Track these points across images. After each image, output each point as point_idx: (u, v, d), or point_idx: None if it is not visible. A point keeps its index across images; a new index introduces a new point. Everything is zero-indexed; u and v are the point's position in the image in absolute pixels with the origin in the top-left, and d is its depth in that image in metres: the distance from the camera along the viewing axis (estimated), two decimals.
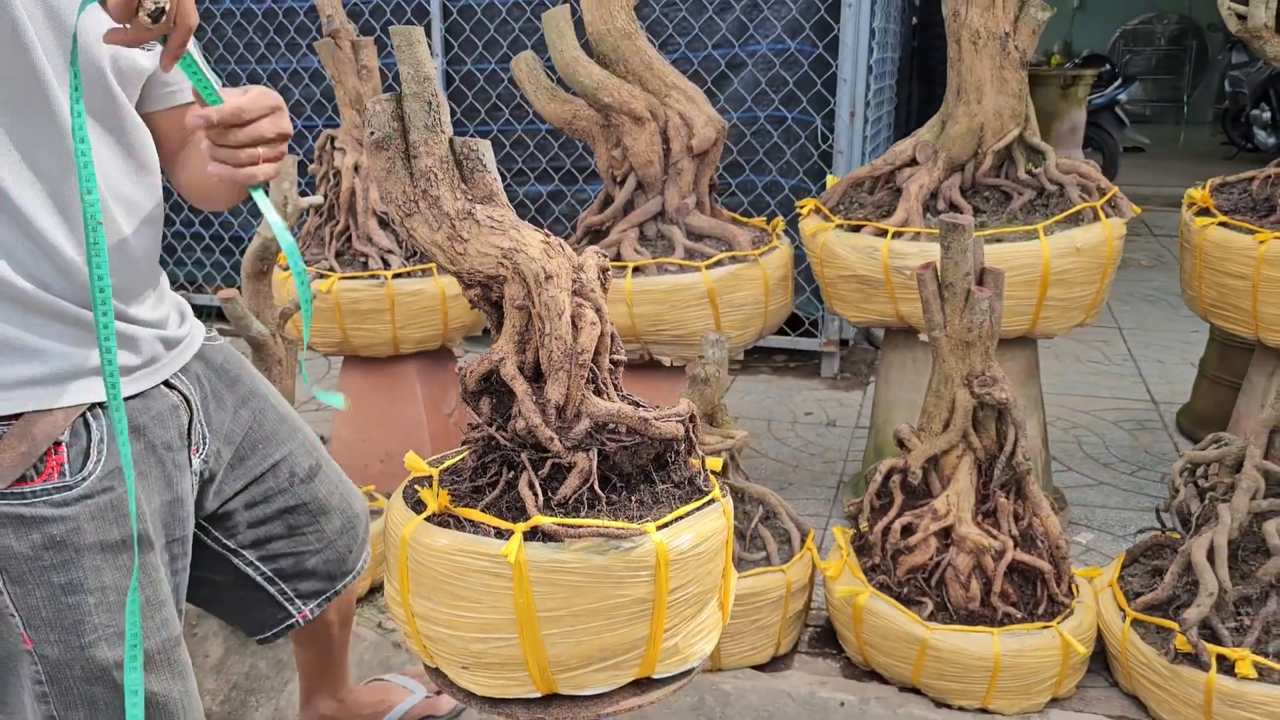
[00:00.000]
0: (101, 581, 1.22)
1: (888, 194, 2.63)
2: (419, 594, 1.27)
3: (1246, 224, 2.41)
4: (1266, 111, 9.01)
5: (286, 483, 1.54)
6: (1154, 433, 3.40)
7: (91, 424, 1.23)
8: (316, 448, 1.61)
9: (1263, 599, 1.88)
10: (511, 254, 1.22)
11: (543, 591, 1.20)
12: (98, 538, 1.21)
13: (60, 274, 1.21)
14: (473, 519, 1.25)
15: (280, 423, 1.55)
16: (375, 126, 1.18)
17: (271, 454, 1.53)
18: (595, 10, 2.59)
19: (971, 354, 1.98)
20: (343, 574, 1.65)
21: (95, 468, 1.22)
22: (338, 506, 1.62)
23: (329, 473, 1.62)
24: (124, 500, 1.23)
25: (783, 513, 2.25)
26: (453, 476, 1.36)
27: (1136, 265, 5.62)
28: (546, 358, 1.22)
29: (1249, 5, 2.41)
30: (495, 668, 1.25)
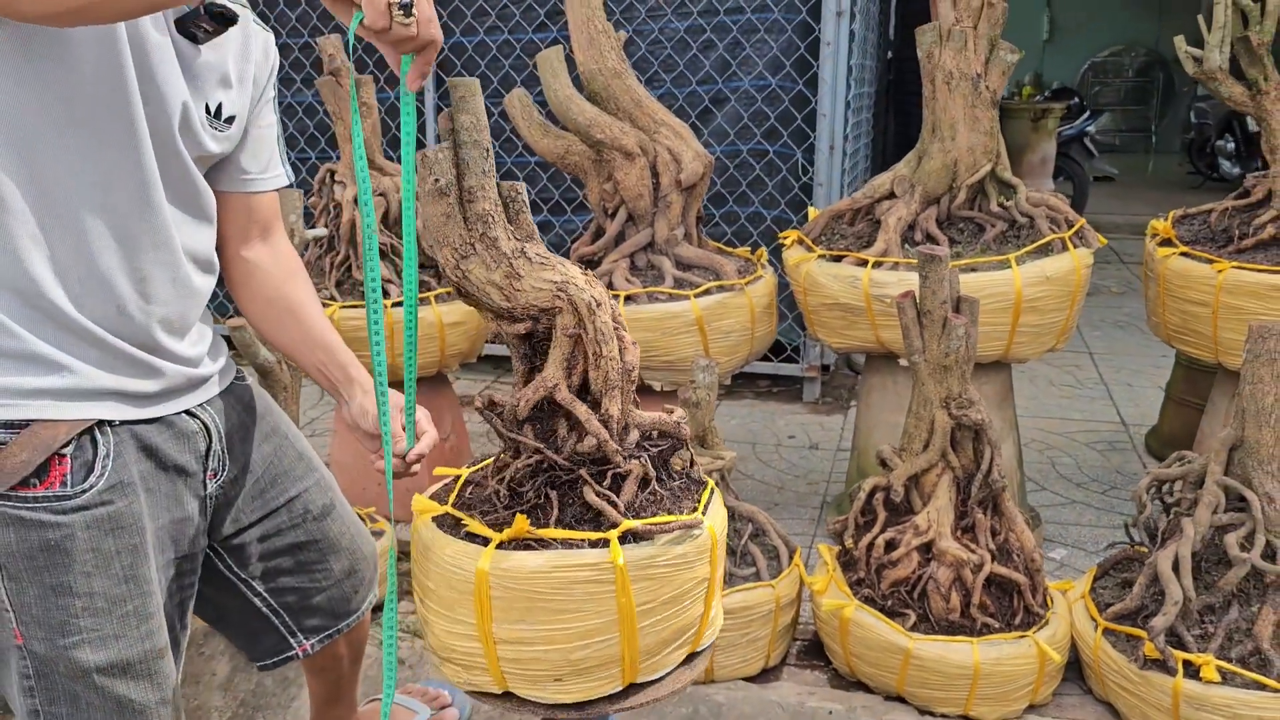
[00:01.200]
0: (91, 588, 1.27)
1: (867, 225, 2.75)
2: (507, 620, 1.30)
3: (1206, 254, 2.54)
4: (1230, 142, 9.27)
5: (300, 518, 1.58)
6: (1124, 453, 3.53)
7: (99, 440, 1.27)
8: (332, 488, 1.66)
9: (1225, 607, 1.98)
10: (565, 286, 1.30)
11: (640, 588, 1.30)
12: (91, 546, 1.26)
13: (101, 299, 1.26)
14: (554, 537, 1.30)
15: (298, 460, 1.60)
16: (438, 174, 1.25)
17: (288, 489, 1.57)
18: (586, 50, 2.71)
19: (949, 377, 2.10)
20: (347, 613, 1.69)
21: (98, 481, 1.26)
22: (347, 547, 1.66)
23: (341, 513, 1.66)
24: (123, 514, 1.28)
25: (771, 530, 2.35)
26: (484, 505, 1.40)
27: (1107, 292, 5.79)
28: (602, 379, 1.32)
29: (1204, 49, 2.56)
30: (591, 671, 1.32)
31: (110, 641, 1.29)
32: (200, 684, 2.31)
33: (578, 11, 2.69)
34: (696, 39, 3.96)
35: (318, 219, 2.94)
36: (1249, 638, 1.93)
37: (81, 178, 1.23)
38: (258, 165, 1.50)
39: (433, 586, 1.35)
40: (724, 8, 3.91)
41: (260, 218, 1.54)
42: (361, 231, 1.33)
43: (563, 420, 1.34)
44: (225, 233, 1.51)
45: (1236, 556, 1.96)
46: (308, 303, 1.57)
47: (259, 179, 1.50)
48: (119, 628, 1.29)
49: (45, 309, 1.23)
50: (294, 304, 1.55)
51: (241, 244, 1.53)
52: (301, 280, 1.59)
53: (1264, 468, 2.02)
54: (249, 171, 1.48)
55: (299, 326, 1.54)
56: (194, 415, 1.42)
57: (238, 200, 1.50)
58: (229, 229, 1.51)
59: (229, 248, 1.53)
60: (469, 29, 4.22)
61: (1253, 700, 1.86)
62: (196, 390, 1.43)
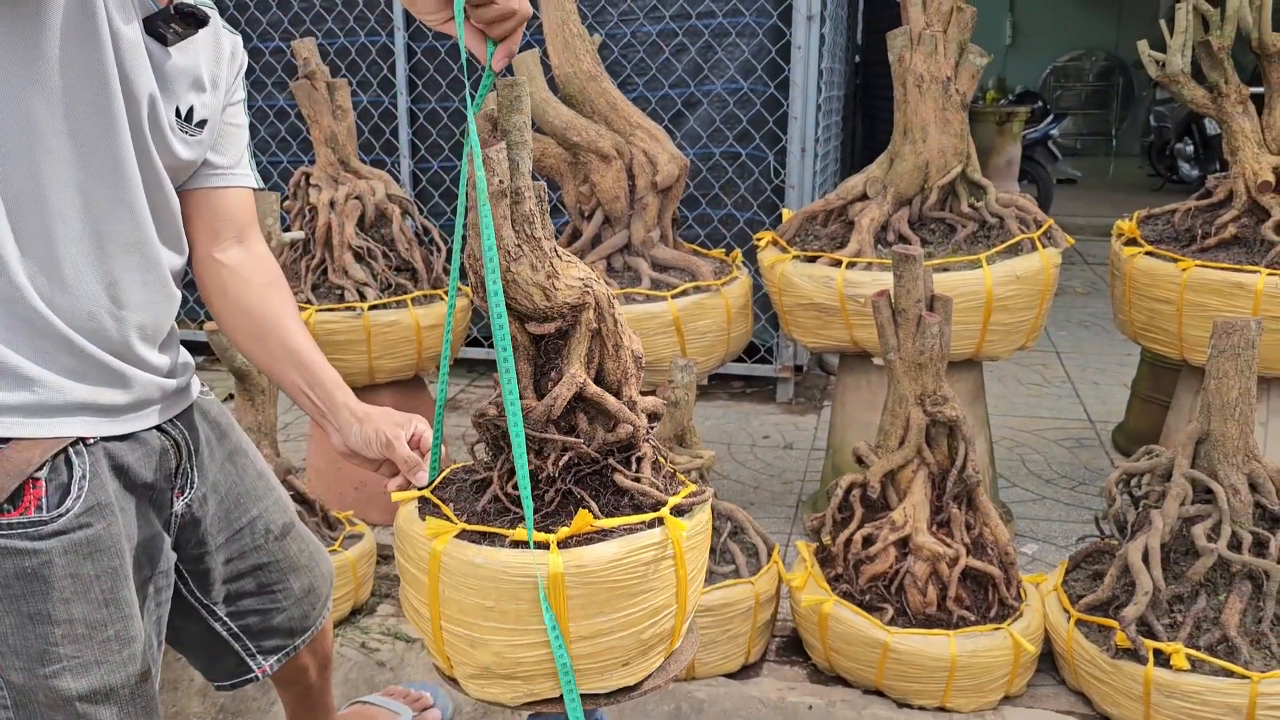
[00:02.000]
0: (70, 614, 1.22)
1: (840, 226, 2.79)
2: (586, 616, 1.28)
3: (1170, 253, 2.60)
4: (1189, 145, 9.45)
5: (263, 539, 1.55)
6: (1091, 450, 3.59)
7: (74, 460, 1.23)
8: (289, 506, 1.63)
9: (1193, 596, 2.03)
10: (589, 283, 1.32)
11: (690, 557, 1.35)
12: (69, 572, 1.22)
13: (74, 302, 1.22)
14: (613, 525, 1.31)
15: (258, 479, 1.56)
16: (501, 175, 1.23)
17: (250, 509, 1.54)
18: (562, 54, 2.73)
19: (924, 375, 2.13)
20: (302, 630, 1.66)
21: (74, 504, 1.22)
22: (306, 565, 1.63)
23: (300, 532, 1.63)
24: (101, 538, 1.24)
25: (749, 528, 2.38)
26: (501, 513, 1.38)
27: (1073, 292, 5.88)
28: (621, 369, 1.33)
29: (1167, 53, 2.62)
30: (652, 648, 1.35)
31: (92, 668, 1.25)
32: (179, 690, 2.30)
33: (552, 16, 2.71)
34: (669, 43, 3.99)
35: (293, 222, 2.94)
36: (1216, 626, 1.98)
37: (60, 178, 1.19)
38: (226, 160, 1.44)
39: (491, 604, 1.27)
40: (696, 12, 3.95)
41: (233, 217, 1.47)
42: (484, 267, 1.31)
43: (582, 414, 1.34)
44: (195, 234, 1.45)
45: (1204, 547, 2.01)
46: (287, 315, 1.48)
47: (228, 173, 1.44)
48: (100, 653, 1.25)
49: (18, 313, 1.19)
50: (272, 315, 1.46)
51: (213, 245, 1.46)
52: (281, 290, 1.50)
53: (1229, 460, 2.07)
54: (217, 166, 1.42)
55: (278, 341, 1.45)
56: (164, 431, 1.38)
57: (206, 197, 1.44)
58: (199, 229, 1.45)
59: (200, 250, 1.46)
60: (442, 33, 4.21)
61: (1221, 686, 1.90)
62: (166, 403, 1.39)
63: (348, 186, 2.88)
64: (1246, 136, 2.61)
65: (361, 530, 2.60)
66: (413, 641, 2.42)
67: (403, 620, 2.51)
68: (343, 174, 2.92)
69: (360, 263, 2.85)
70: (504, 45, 1.21)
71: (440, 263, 2.99)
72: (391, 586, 2.68)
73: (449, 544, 1.29)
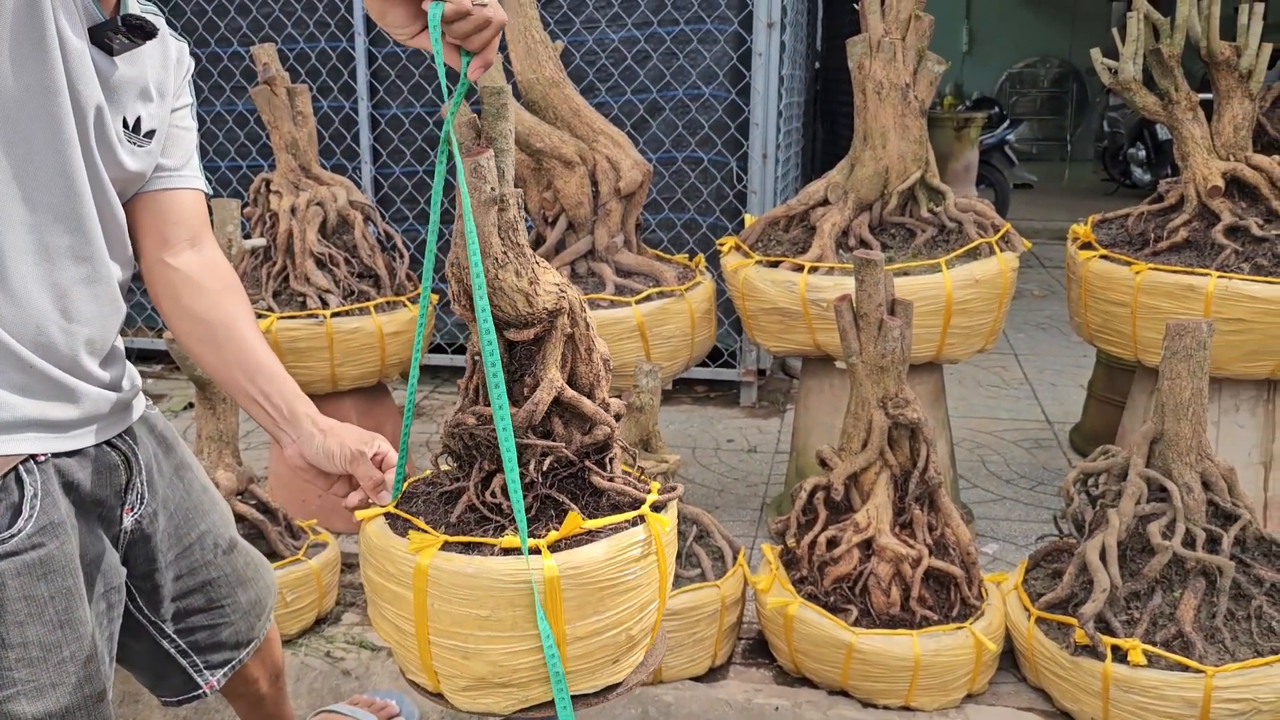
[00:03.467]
0: (24, 637, 1.20)
1: (802, 231, 2.82)
2: (581, 616, 1.28)
3: (1124, 256, 2.65)
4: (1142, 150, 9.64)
5: (211, 554, 1.54)
6: (1049, 450, 3.65)
7: (25, 479, 1.21)
8: (231, 519, 1.62)
9: (1149, 593, 2.08)
10: (564, 288, 1.32)
11: (669, 552, 1.38)
12: (22, 593, 1.19)
13: (22, 316, 1.20)
14: (600, 525, 1.31)
15: (203, 493, 1.55)
16: (492, 183, 1.22)
17: (198, 524, 1.52)
18: (524, 60, 2.73)
19: (885, 378, 2.16)
20: (247, 642, 1.64)
21: (25, 524, 1.20)
22: (252, 578, 1.62)
23: (243, 545, 1.62)
24: (54, 557, 1.22)
25: (715, 532, 2.39)
26: (477, 515, 1.36)
27: (1030, 295, 5.97)
28: (593, 373, 1.34)
29: (1119, 60, 2.67)
30: (639, 643, 1.37)
31: (47, 691, 1.22)
32: (140, 702, 2.27)
33: (515, 22, 2.71)
34: (632, 49, 4.00)
35: (254, 229, 2.91)
36: (1172, 622, 2.02)
37: (6, 189, 1.17)
38: (173, 162, 1.41)
39: (487, 614, 1.26)
40: (658, 18, 3.96)
41: (184, 220, 1.43)
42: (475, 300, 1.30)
43: (557, 418, 1.34)
44: (145, 239, 1.41)
45: (1159, 544, 2.05)
46: (243, 322, 1.44)
47: (176, 175, 1.41)
48: (56, 675, 1.23)
49: None
50: (227, 321, 1.42)
51: (165, 250, 1.42)
52: (236, 296, 1.46)
53: (1183, 459, 2.12)
54: (165, 167, 1.39)
55: (233, 348, 1.41)
56: (114, 446, 1.36)
57: (155, 200, 1.40)
58: (149, 233, 1.41)
59: (149, 255, 1.42)
60: None
61: (1177, 681, 1.94)
62: (115, 418, 1.36)
63: (309, 193, 2.86)
64: (1196, 142, 2.67)
65: (325, 539, 2.58)
66: (378, 650, 2.40)
67: (368, 629, 2.49)
68: (304, 180, 2.90)
69: (322, 269, 2.83)
70: (480, 56, 1.19)
71: (403, 269, 2.98)
72: (356, 595, 2.66)
73: (436, 557, 1.27)
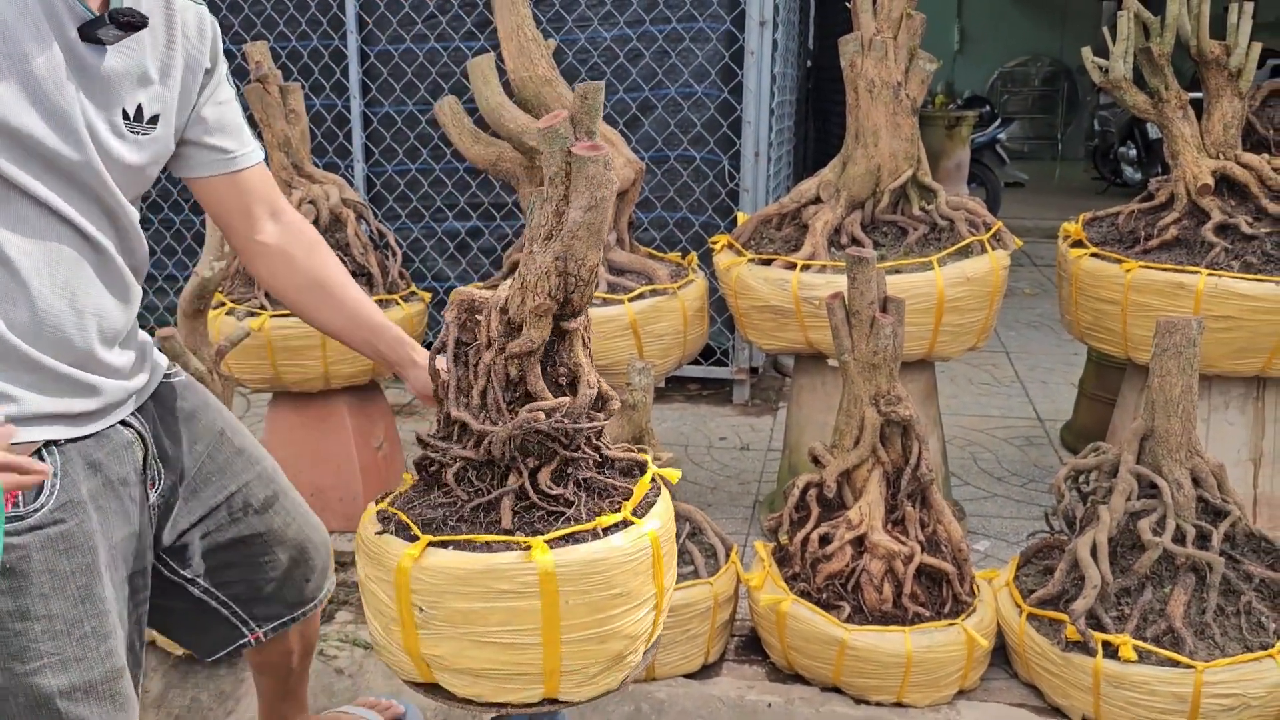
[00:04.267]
0: (49, 610, 1.24)
1: (794, 229, 2.82)
2: (578, 615, 1.29)
3: (1115, 255, 2.67)
4: (1132, 149, 9.67)
5: (240, 513, 1.57)
6: (1040, 447, 3.66)
7: (47, 460, 1.26)
8: (275, 480, 1.63)
9: (1140, 589, 2.09)
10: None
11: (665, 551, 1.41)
12: (46, 567, 1.24)
13: (39, 323, 1.25)
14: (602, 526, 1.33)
15: (236, 455, 1.58)
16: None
17: (226, 486, 1.55)
18: (517, 58, 2.73)
19: (878, 376, 2.17)
20: (301, 602, 1.68)
21: (48, 500, 1.25)
22: (294, 537, 1.64)
23: (286, 504, 1.64)
24: (74, 534, 1.26)
25: (708, 529, 2.40)
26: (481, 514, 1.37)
27: (1021, 294, 5.98)
28: (592, 359, 1.40)
29: (1110, 59, 2.69)
30: (638, 643, 1.39)
31: (71, 664, 1.26)
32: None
33: (507, 20, 2.71)
34: (624, 47, 4.00)
35: None
36: (1162, 617, 2.03)
37: (37, 207, 1.22)
38: (233, 143, 1.46)
39: (481, 609, 1.26)
40: (651, 17, 3.97)
41: (261, 195, 1.50)
42: None
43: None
44: (232, 221, 1.48)
45: (1149, 541, 2.06)
46: (336, 276, 1.54)
47: (240, 155, 1.47)
48: (79, 649, 1.27)
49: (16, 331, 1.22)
50: (323, 280, 1.52)
51: (250, 230, 1.49)
52: (323, 253, 1.55)
53: (1173, 456, 2.13)
54: (229, 150, 1.45)
55: (336, 306, 1.53)
56: (128, 425, 1.40)
57: (227, 183, 1.46)
58: (235, 216, 1.48)
59: (238, 237, 1.50)
60: (395, 37, 4.20)
61: (1167, 676, 1.96)
62: (131, 398, 1.41)
63: (301, 191, 2.86)
64: (1186, 141, 2.68)
65: None
66: (370, 648, 2.40)
67: (361, 627, 2.49)
68: (296, 179, 2.89)
69: None
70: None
71: (395, 268, 2.97)
72: (349, 593, 2.66)
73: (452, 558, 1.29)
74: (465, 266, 4.40)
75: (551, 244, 1.25)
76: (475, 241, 4.39)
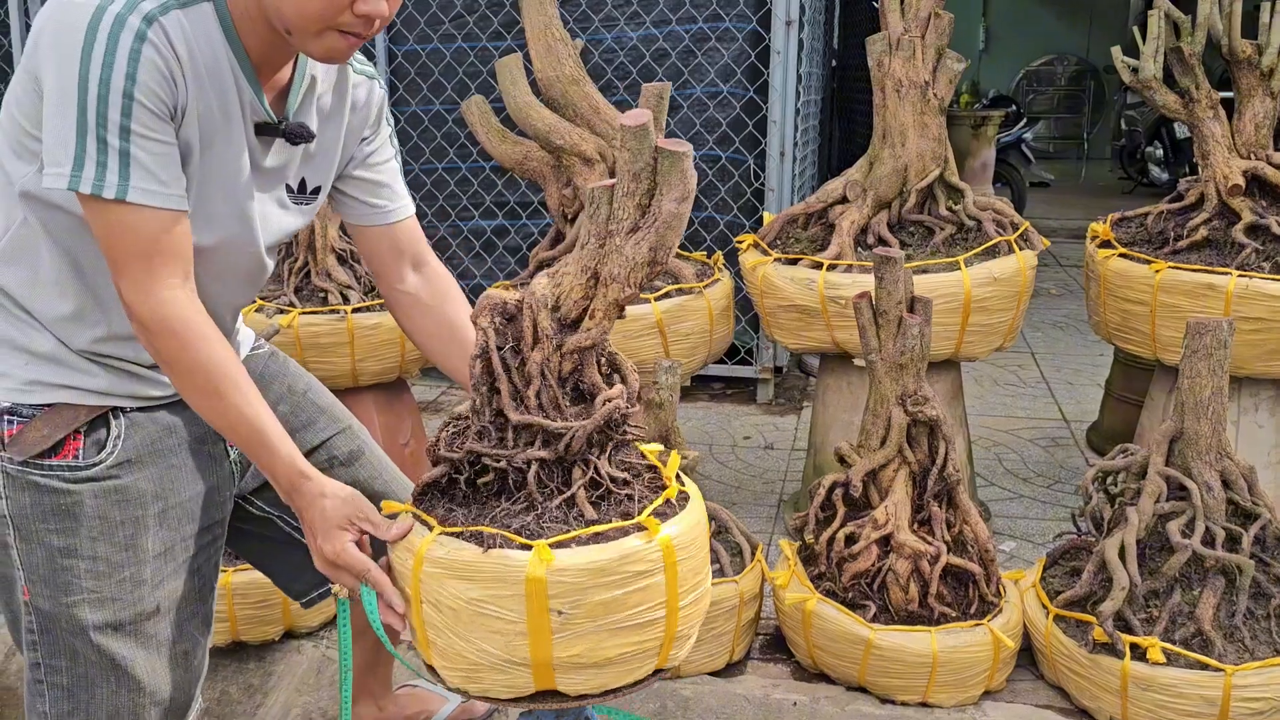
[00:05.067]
0: (95, 551, 1.37)
1: (821, 229, 2.82)
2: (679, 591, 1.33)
3: (1143, 255, 2.65)
4: (1160, 149, 9.58)
5: (326, 465, 1.63)
6: (1066, 449, 3.64)
7: (112, 423, 1.39)
8: (359, 437, 1.72)
9: (1168, 591, 2.08)
10: None
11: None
12: (98, 514, 1.36)
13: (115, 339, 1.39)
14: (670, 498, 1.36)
15: (319, 413, 1.67)
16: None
17: (310, 440, 1.64)
18: (544, 58, 2.75)
19: (905, 375, 2.16)
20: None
21: (107, 458, 1.38)
22: (380, 491, 1.69)
23: (371, 459, 1.71)
24: (129, 488, 1.39)
25: (733, 527, 2.40)
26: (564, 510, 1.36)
27: (1047, 294, 5.95)
28: None
29: (1140, 59, 2.67)
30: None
31: (107, 603, 1.38)
32: None
33: (535, 20, 2.72)
34: (651, 47, 4.01)
35: None
36: (1191, 620, 2.02)
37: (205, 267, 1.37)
38: (390, 200, 1.59)
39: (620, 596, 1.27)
40: (677, 17, 3.97)
41: (408, 248, 1.61)
42: None
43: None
44: (380, 268, 1.61)
45: (1178, 543, 2.05)
46: (463, 324, 1.61)
47: (394, 210, 1.59)
48: (116, 590, 1.39)
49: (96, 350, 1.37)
50: (454, 329, 1.60)
51: (397, 279, 1.61)
52: (455, 302, 1.64)
53: (1203, 458, 2.12)
54: (383, 208, 1.58)
55: (460, 348, 1.59)
56: None
57: (382, 236, 1.59)
58: (382, 263, 1.61)
59: (385, 282, 1.62)
60: (422, 37, 4.23)
61: (1196, 679, 1.95)
62: None
63: None
64: (1217, 141, 2.66)
65: None
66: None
67: None
68: None
69: (343, 265, 2.86)
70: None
71: None
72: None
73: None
74: (491, 265, 4.42)
75: (639, 236, 1.27)
76: (501, 240, 4.41)
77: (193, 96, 1.27)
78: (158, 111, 1.23)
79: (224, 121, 1.32)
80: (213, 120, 1.31)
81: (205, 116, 1.30)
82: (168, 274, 1.29)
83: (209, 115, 1.30)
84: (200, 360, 1.30)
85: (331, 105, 1.47)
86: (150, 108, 1.22)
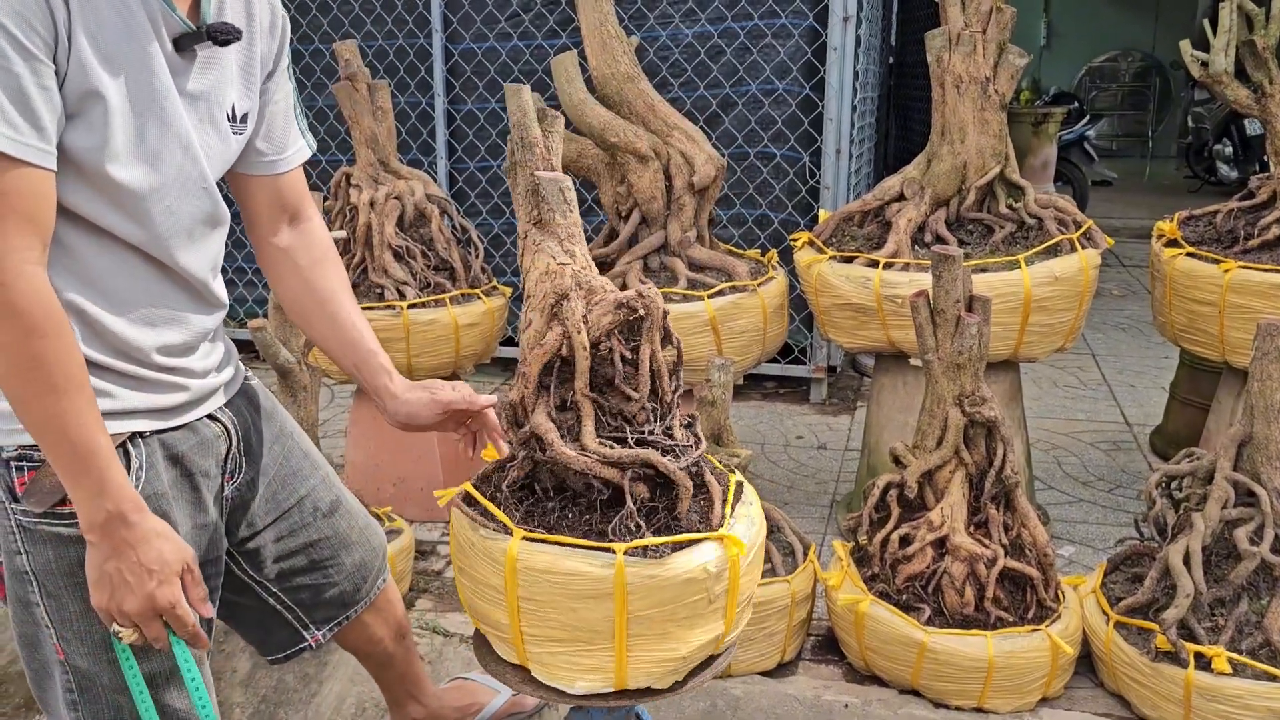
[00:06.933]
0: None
1: (877, 227, 2.79)
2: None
3: (1212, 254, 2.58)
4: (1228, 146, 9.32)
5: (311, 517, 1.59)
6: (1129, 453, 3.56)
7: (132, 453, 1.28)
8: (335, 483, 1.67)
9: (1235, 600, 2.02)
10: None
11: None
12: None
13: (134, 336, 1.30)
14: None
15: (304, 459, 1.61)
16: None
17: (297, 489, 1.58)
18: (599, 55, 2.75)
19: (962, 375, 2.13)
20: (355, 602, 1.70)
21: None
22: (358, 540, 1.67)
23: (349, 507, 1.67)
24: None
25: (786, 527, 2.38)
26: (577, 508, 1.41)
27: (1109, 295, 5.82)
28: None
29: (1210, 53, 2.60)
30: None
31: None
32: (222, 680, 2.34)
33: (590, 17, 2.73)
34: (705, 44, 4.00)
35: (334, 222, 2.98)
36: (1259, 630, 1.96)
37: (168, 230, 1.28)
38: (272, 146, 1.45)
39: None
40: (732, 14, 3.95)
41: (287, 201, 1.49)
42: None
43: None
44: (253, 219, 1.49)
45: (1246, 550, 1.99)
46: (337, 293, 1.51)
47: (277, 160, 1.46)
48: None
49: (111, 344, 1.27)
50: (322, 296, 1.49)
51: (271, 231, 1.49)
52: (330, 267, 1.52)
53: (1272, 463, 2.06)
54: (264, 153, 1.44)
55: (328, 321, 1.50)
56: (215, 419, 1.43)
57: (258, 186, 1.46)
58: (259, 214, 1.48)
59: (257, 233, 1.50)
60: (479, 35, 4.26)
61: (1263, 691, 1.89)
62: (216, 394, 1.44)
63: (387, 187, 2.91)
64: None
65: (400, 526, 2.63)
66: (450, 635, 2.45)
67: (441, 614, 2.53)
68: (383, 174, 2.95)
69: (399, 262, 2.89)
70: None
71: (478, 263, 3.02)
72: (429, 581, 2.71)
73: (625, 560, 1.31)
74: None
75: None
76: None
77: (76, 16, 1.10)
78: (25, 39, 1.06)
79: (128, 40, 1.17)
80: (114, 41, 1.15)
81: (99, 38, 1.13)
82: (21, 242, 1.09)
83: (106, 36, 1.14)
84: (48, 353, 1.11)
85: (245, 23, 1.34)
86: (14, 31, 1.05)
